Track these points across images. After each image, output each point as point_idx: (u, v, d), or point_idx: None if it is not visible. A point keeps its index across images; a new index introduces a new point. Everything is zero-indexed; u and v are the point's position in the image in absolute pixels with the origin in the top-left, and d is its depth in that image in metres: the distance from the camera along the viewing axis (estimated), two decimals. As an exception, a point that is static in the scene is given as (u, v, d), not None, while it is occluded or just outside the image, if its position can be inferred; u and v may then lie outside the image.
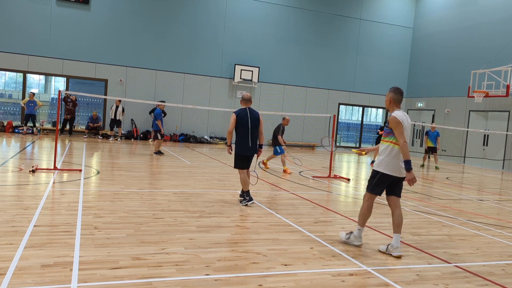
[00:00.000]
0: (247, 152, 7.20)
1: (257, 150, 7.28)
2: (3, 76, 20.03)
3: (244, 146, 7.14)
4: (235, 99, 21.36)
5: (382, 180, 5.08)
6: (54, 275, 3.68)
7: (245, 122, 7.11)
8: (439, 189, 11.03)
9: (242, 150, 7.18)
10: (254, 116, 7.21)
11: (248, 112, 7.20)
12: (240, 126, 7.12)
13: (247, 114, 7.18)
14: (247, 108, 7.25)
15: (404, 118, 5.01)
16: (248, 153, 7.21)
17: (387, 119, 24.36)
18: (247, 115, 7.17)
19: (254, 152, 7.28)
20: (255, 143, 7.22)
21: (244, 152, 7.18)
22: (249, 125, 7.13)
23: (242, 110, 7.23)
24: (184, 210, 6.49)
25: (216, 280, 3.86)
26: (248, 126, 7.12)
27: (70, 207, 6.16)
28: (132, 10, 19.73)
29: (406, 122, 5.03)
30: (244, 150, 7.17)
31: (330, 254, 4.83)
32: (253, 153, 7.28)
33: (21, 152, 12.58)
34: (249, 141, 7.14)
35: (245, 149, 7.16)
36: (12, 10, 18.12)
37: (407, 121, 5.07)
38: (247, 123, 7.12)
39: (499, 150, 18.94)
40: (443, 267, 4.69)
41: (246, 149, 7.16)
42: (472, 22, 20.49)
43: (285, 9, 22.06)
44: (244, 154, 7.20)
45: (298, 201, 7.84)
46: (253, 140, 7.19)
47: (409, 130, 5.09)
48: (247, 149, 7.17)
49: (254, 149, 7.24)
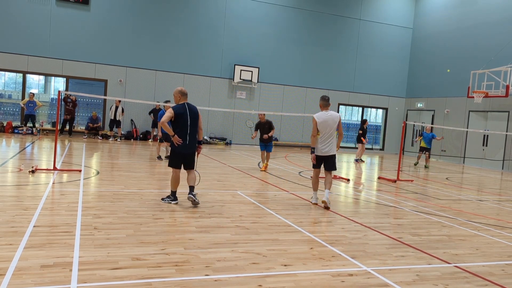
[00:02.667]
0: (185, 150, 6.76)
1: (195, 148, 6.88)
2: (3, 76, 20.02)
3: (183, 144, 6.69)
4: (234, 100, 21.37)
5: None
6: (53, 276, 3.67)
7: (185, 118, 6.67)
8: (438, 189, 11.03)
9: (180, 148, 6.71)
10: (193, 111, 6.77)
11: (187, 107, 6.76)
12: (178, 122, 6.66)
13: (186, 110, 6.73)
14: (185, 103, 6.79)
15: (321, 117, 7.43)
16: (186, 151, 6.77)
17: (386, 119, 24.41)
18: (186, 110, 6.73)
19: (193, 150, 6.86)
20: (193, 141, 6.80)
21: (181, 149, 6.73)
22: (188, 121, 6.70)
23: (180, 105, 6.75)
24: (183, 210, 6.49)
25: (216, 280, 3.86)
26: (187, 122, 6.69)
27: (69, 207, 6.16)
28: (132, 10, 19.73)
29: (325, 120, 7.42)
30: (182, 148, 6.71)
31: (329, 255, 4.83)
32: (191, 151, 6.84)
33: (20, 153, 12.58)
34: (187, 139, 6.71)
35: (182, 146, 6.70)
36: (12, 10, 18.11)
37: (331, 120, 7.44)
38: (186, 119, 6.68)
39: (498, 150, 18.95)
40: (443, 268, 4.69)
41: (183, 146, 6.71)
42: (472, 22, 20.50)
43: (285, 10, 22.06)
44: (181, 152, 6.75)
45: (298, 202, 7.84)
46: (192, 137, 6.76)
47: (329, 125, 7.41)
48: (185, 147, 6.72)
49: (193, 146, 6.83)
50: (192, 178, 6.86)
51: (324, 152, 7.47)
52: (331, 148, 7.47)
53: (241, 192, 8.38)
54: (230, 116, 21.40)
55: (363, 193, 9.68)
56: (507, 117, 18.55)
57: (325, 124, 7.43)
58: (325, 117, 7.47)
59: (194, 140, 6.84)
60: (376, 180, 12.05)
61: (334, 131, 7.50)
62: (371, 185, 11.18)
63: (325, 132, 7.43)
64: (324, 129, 7.43)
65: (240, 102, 21.42)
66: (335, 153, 7.56)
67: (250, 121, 19.65)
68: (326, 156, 7.50)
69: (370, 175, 13.66)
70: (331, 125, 7.44)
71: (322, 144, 7.46)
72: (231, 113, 21.22)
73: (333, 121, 7.46)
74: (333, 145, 7.50)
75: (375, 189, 10.33)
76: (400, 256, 4.97)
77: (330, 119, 7.45)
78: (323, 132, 7.44)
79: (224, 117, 21.15)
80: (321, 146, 7.47)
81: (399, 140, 24.15)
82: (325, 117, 7.47)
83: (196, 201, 6.73)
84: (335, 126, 7.47)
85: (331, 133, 7.45)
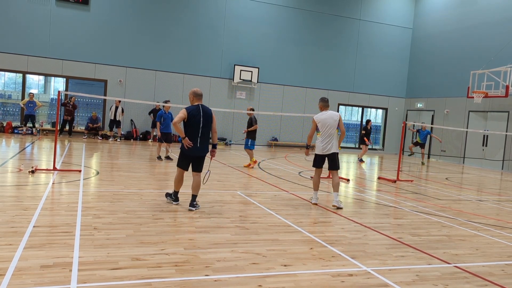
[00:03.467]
0: (194, 153, 6.53)
1: (206, 151, 6.61)
2: (3, 76, 20.01)
3: (192, 146, 6.47)
4: (234, 100, 21.37)
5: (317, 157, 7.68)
6: (53, 276, 3.67)
7: (197, 119, 6.44)
8: (438, 189, 11.03)
9: (189, 150, 6.51)
10: (206, 113, 6.53)
11: (201, 109, 6.52)
12: (190, 123, 6.43)
13: (200, 112, 6.49)
14: (199, 105, 6.55)
15: (321, 116, 7.58)
16: (194, 153, 6.53)
17: (386, 119, 24.41)
18: (199, 112, 6.49)
19: (203, 153, 6.61)
20: (204, 144, 6.54)
21: (190, 152, 6.51)
22: (201, 123, 6.46)
23: (194, 107, 6.52)
24: (183, 210, 6.49)
25: (216, 280, 3.86)
26: (199, 124, 6.45)
27: (69, 207, 6.16)
28: (132, 10, 19.73)
29: (324, 119, 7.53)
30: (191, 150, 6.50)
31: (329, 255, 4.84)
32: (201, 154, 6.60)
33: (20, 153, 12.58)
34: (198, 141, 6.48)
35: (192, 149, 6.49)
36: (12, 10, 18.10)
37: (331, 118, 7.52)
38: (199, 121, 6.45)
39: (498, 150, 18.95)
40: (442, 268, 4.69)
41: (193, 149, 6.49)
42: (472, 22, 20.50)
43: (284, 10, 22.06)
44: (189, 155, 6.53)
45: (298, 202, 7.84)
46: (203, 139, 6.51)
47: (329, 123, 7.50)
48: (195, 150, 6.50)
49: (204, 149, 6.58)
50: (196, 185, 6.61)
51: (325, 151, 7.48)
52: (332, 147, 7.49)
53: (241, 192, 8.38)
54: (230, 116, 21.39)
55: (363, 193, 9.67)
56: (507, 117, 18.55)
57: (324, 122, 7.49)
58: (325, 116, 7.56)
59: (206, 143, 6.55)
60: (376, 180, 12.05)
61: (334, 130, 7.53)
62: (371, 185, 11.19)
63: (326, 130, 7.46)
64: (324, 127, 7.47)
65: (240, 102, 21.42)
66: (336, 151, 7.57)
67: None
68: (327, 154, 7.52)
69: (370, 175, 13.66)
70: (331, 123, 7.48)
71: (323, 143, 7.48)
72: (231, 113, 21.21)
73: (332, 119, 7.51)
74: (334, 144, 7.52)
75: (375, 189, 10.33)
76: (400, 256, 4.98)
77: (330, 118, 7.52)
78: (324, 131, 7.47)
79: (224, 117, 21.14)
80: (322, 145, 7.49)
81: (399, 140, 24.15)
82: (324, 116, 7.56)
83: (196, 210, 6.58)
84: (335, 124, 7.51)
85: (331, 131, 7.48)
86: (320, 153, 7.55)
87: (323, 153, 7.52)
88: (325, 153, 7.51)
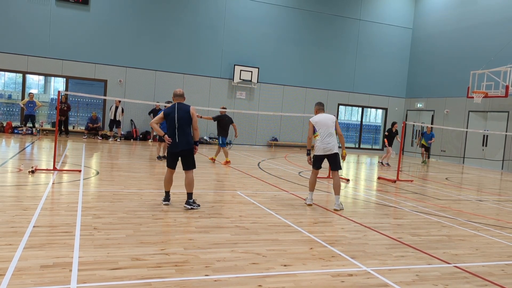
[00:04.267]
0: (174, 149, 6.76)
1: (188, 146, 6.73)
2: (3, 76, 20.00)
3: (172, 143, 6.76)
4: (234, 100, 21.37)
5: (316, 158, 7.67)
6: (53, 276, 3.68)
7: (172, 116, 6.73)
8: (438, 189, 11.03)
9: (170, 146, 6.81)
10: (182, 110, 6.76)
11: (176, 106, 6.79)
12: (168, 121, 6.76)
13: (174, 110, 6.76)
14: (176, 103, 6.84)
15: (316, 117, 7.69)
16: (174, 149, 6.76)
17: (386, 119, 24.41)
18: (174, 110, 6.76)
19: (185, 147, 6.73)
20: (183, 138, 6.71)
21: (172, 148, 6.79)
22: (176, 119, 6.70)
23: (170, 106, 6.88)
24: (183, 210, 6.49)
25: (216, 280, 3.86)
26: (175, 121, 6.71)
27: (69, 207, 6.16)
28: (132, 10, 19.73)
29: (321, 120, 7.63)
30: (172, 146, 6.78)
31: (329, 255, 4.84)
32: (183, 148, 6.72)
33: (20, 153, 12.58)
34: (176, 137, 6.73)
35: (172, 145, 6.76)
36: (12, 10, 18.10)
37: (327, 119, 7.64)
38: (174, 117, 6.71)
39: (498, 150, 18.95)
40: (442, 268, 4.69)
41: (173, 145, 6.75)
42: (472, 22, 20.50)
43: (284, 10, 22.06)
44: (172, 151, 6.80)
45: (298, 202, 7.84)
46: (181, 134, 6.71)
47: (326, 123, 7.58)
48: (175, 145, 6.73)
49: (184, 144, 6.72)
50: (188, 183, 6.71)
51: (326, 151, 7.47)
52: (333, 147, 7.49)
53: (240, 192, 8.38)
54: (229, 116, 21.33)
55: (363, 193, 9.68)
56: (507, 117, 18.56)
57: (321, 123, 7.54)
58: (320, 117, 7.66)
59: (184, 139, 6.71)
60: (376, 180, 12.05)
61: (332, 130, 7.54)
62: (371, 185, 11.19)
63: (325, 130, 7.48)
64: (321, 127, 7.49)
65: (240, 102, 21.41)
66: (337, 151, 7.57)
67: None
68: (328, 155, 7.51)
69: (370, 175, 13.66)
70: (328, 123, 7.53)
71: (323, 143, 7.48)
72: (231, 113, 21.16)
73: (329, 120, 7.57)
74: (334, 144, 7.51)
75: (375, 189, 10.33)
76: (400, 256, 4.98)
77: (326, 119, 7.61)
78: (321, 131, 7.48)
79: (224, 117, 21.09)
80: (322, 145, 7.49)
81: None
82: (320, 117, 7.65)
83: (194, 209, 6.61)
84: (332, 124, 7.54)
85: (329, 131, 7.49)
86: (320, 154, 7.54)
87: (324, 153, 7.51)
88: (326, 153, 7.49)
